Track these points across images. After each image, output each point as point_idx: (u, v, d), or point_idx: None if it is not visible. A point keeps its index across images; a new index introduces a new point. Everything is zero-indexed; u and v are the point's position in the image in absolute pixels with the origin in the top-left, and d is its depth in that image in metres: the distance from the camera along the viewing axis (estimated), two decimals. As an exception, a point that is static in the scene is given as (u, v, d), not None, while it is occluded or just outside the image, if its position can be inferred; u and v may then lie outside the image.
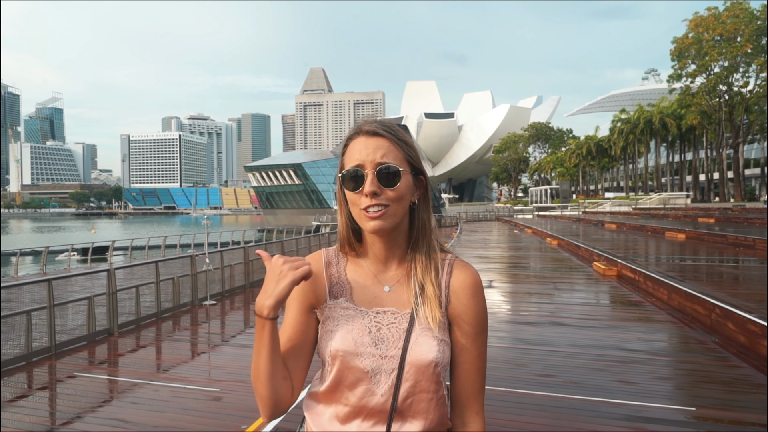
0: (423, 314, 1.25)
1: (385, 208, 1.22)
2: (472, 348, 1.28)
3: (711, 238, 20.02)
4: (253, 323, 6.75)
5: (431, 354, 1.22)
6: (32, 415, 5.56)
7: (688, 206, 47.26)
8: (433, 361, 1.22)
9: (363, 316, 1.28)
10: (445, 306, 1.27)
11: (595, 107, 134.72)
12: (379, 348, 1.24)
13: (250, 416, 5.26)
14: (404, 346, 1.23)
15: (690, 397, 5.68)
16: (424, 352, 1.22)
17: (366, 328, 1.27)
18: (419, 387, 1.22)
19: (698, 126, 54.26)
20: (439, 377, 1.24)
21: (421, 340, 1.23)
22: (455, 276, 1.30)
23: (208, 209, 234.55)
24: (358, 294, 1.32)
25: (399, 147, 1.27)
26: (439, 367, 1.23)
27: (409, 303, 1.28)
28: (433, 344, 1.23)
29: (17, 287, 11.56)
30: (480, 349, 1.29)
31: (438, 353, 1.22)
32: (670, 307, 9.75)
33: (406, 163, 1.27)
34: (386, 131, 1.27)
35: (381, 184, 1.22)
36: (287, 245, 16.74)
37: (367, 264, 1.34)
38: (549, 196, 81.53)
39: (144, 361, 7.88)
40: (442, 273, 1.30)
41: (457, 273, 1.30)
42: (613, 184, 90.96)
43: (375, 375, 1.23)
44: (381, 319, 1.27)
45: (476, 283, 1.30)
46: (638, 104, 67.55)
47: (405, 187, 1.25)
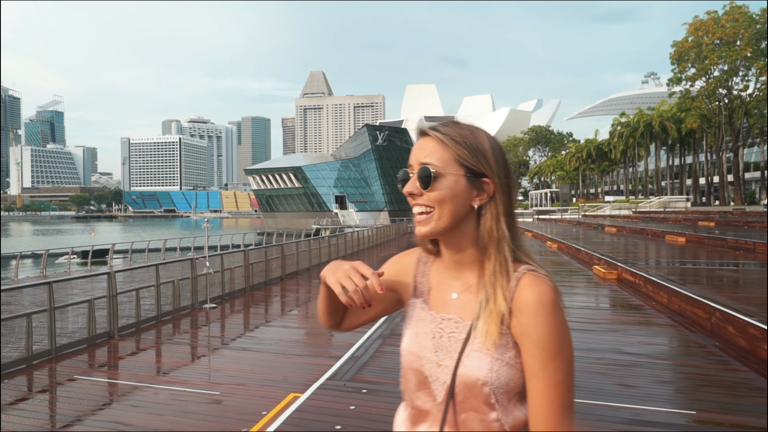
0: (480, 329, 1.17)
1: (430, 212, 1.19)
2: (541, 375, 1.11)
3: (711, 241, 20.01)
4: (253, 327, 6.78)
5: (479, 372, 1.14)
6: (32, 418, 5.56)
7: (689, 210, 47.28)
8: (481, 380, 1.13)
9: (431, 320, 1.26)
10: (507, 323, 1.16)
11: (595, 111, 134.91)
12: (438, 355, 1.21)
13: (250, 419, 5.26)
14: (458, 359, 1.17)
15: (690, 401, 5.68)
16: (472, 369, 1.15)
17: (431, 333, 1.25)
18: (469, 404, 1.16)
19: (698, 129, 54.34)
20: (489, 399, 1.14)
21: (473, 356, 1.16)
22: (520, 290, 1.15)
23: (208, 212, 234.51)
24: (433, 297, 1.30)
25: (447, 147, 1.19)
26: (488, 388, 1.13)
27: (473, 313, 1.21)
28: (484, 361, 1.14)
29: (17, 290, 11.56)
30: (553, 379, 1.10)
31: (488, 372, 1.13)
32: (670, 311, 9.75)
33: (455, 164, 1.19)
34: (435, 130, 1.21)
35: (421, 186, 1.19)
36: (287, 248, 16.74)
37: (443, 268, 1.31)
38: (549, 199, 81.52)
39: (144, 364, 7.88)
40: (509, 286, 1.17)
41: (522, 287, 1.15)
42: (613, 188, 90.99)
43: (434, 382, 1.21)
44: (444, 326, 1.24)
45: (541, 300, 1.13)
46: (638, 108, 67.66)
47: (448, 189, 1.18)
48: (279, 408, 5.53)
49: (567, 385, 1.11)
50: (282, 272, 15.95)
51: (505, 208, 1.21)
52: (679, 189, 66.42)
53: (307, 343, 9.36)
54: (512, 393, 1.15)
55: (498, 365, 1.14)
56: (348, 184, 75.96)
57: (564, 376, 1.11)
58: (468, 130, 1.22)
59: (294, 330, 10.30)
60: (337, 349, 8.09)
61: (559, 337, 1.11)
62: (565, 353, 1.12)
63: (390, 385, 6.19)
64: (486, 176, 1.20)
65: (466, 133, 1.21)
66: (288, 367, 7.34)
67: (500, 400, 1.14)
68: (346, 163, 79.60)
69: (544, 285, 1.15)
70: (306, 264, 18.15)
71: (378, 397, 5.80)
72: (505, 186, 1.21)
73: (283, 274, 16.00)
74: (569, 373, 1.12)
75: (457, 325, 1.22)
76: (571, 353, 1.13)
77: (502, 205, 1.21)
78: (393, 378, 6.48)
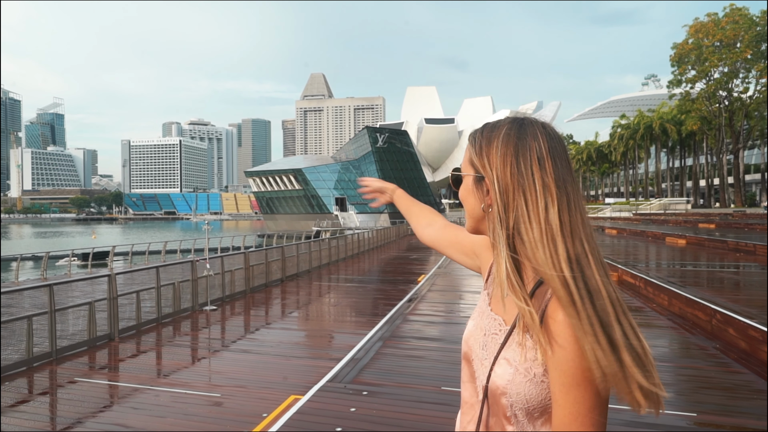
0: (514, 337, 1.11)
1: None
2: (562, 402, 1.00)
3: (711, 243, 20.01)
4: (254, 329, 6.80)
5: (501, 381, 1.09)
6: (33, 420, 5.56)
7: (689, 212, 47.29)
8: (500, 388, 1.09)
9: (487, 316, 1.23)
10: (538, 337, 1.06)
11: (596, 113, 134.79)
12: (484, 353, 1.19)
13: (250, 421, 5.26)
14: (493, 362, 1.13)
15: (691, 403, 5.68)
16: (497, 377, 1.10)
17: (483, 329, 1.22)
18: (495, 410, 1.13)
19: (698, 131, 54.40)
20: (506, 411, 1.09)
21: (502, 363, 1.10)
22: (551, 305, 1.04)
23: (209, 214, 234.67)
24: (496, 292, 1.24)
25: (474, 152, 1.17)
26: (505, 399, 1.08)
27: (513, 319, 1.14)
28: (507, 371, 1.08)
29: (18, 292, 11.56)
30: (573, 408, 0.99)
31: (508, 384, 1.07)
32: (670, 313, 9.75)
33: (468, 165, 1.18)
34: (473, 136, 1.21)
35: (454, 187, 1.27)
36: (287, 250, 16.74)
37: None
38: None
39: (144, 367, 7.88)
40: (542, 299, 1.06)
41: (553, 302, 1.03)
42: (614, 190, 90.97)
43: (478, 378, 1.19)
44: (492, 325, 1.20)
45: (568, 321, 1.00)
46: (638, 110, 67.69)
47: (465, 192, 1.21)
48: (279, 410, 5.53)
49: (591, 418, 0.99)
50: (282, 274, 15.95)
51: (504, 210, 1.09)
52: (680, 191, 66.43)
53: (308, 345, 9.36)
54: (534, 411, 1.07)
55: (520, 379, 1.07)
56: (348, 186, 75.92)
57: (587, 408, 0.98)
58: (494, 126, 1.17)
59: (294, 332, 10.29)
60: (337, 351, 8.10)
61: (585, 365, 0.98)
62: (591, 383, 0.98)
63: (391, 387, 6.19)
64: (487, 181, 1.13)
65: (487, 131, 1.17)
66: (288, 369, 7.34)
67: (517, 414, 1.09)
68: (347, 165, 79.59)
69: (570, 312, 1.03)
70: (306, 266, 18.14)
71: (379, 399, 5.80)
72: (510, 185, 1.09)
73: (284, 276, 16.00)
74: (595, 406, 0.99)
75: (501, 327, 1.17)
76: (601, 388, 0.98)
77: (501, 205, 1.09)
78: (394, 380, 6.48)
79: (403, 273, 18.91)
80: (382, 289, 15.34)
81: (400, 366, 7.08)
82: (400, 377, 6.58)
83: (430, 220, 1.70)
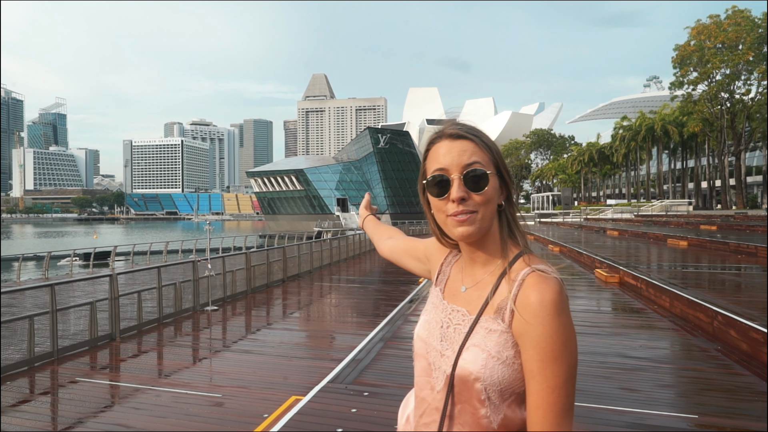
0: (482, 324, 1.18)
1: (473, 213, 1.19)
2: (539, 377, 1.08)
3: (713, 245, 19.98)
4: (255, 329, 6.83)
5: (473, 367, 1.14)
6: (34, 420, 5.56)
7: (690, 213, 47.20)
8: (473, 374, 1.14)
9: (443, 310, 1.30)
10: (509, 322, 1.15)
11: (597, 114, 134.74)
12: (443, 345, 1.24)
13: (251, 422, 5.26)
14: (458, 351, 1.18)
15: (693, 405, 5.67)
16: (468, 363, 1.15)
17: (440, 322, 1.28)
18: (463, 397, 1.17)
19: (700, 133, 54.31)
20: (480, 395, 1.14)
21: (471, 350, 1.16)
22: (523, 289, 1.13)
23: (210, 215, 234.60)
24: (449, 286, 1.35)
25: (484, 149, 1.22)
26: (480, 384, 1.14)
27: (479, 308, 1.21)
28: (479, 357, 1.14)
29: (20, 292, 11.58)
30: (550, 382, 1.07)
31: (482, 369, 1.13)
32: (672, 315, 9.73)
33: (493, 166, 1.22)
34: (470, 133, 1.23)
35: (468, 189, 1.18)
36: (289, 251, 16.74)
37: (462, 261, 1.34)
38: (551, 202, 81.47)
39: (146, 367, 7.88)
40: (515, 284, 1.16)
41: (526, 286, 1.13)
42: (615, 191, 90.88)
43: (435, 370, 1.24)
44: (453, 317, 1.25)
45: (542, 300, 1.10)
46: (640, 111, 67.58)
47: (492, 191, 1.20)
48: (280, 411, 5.53)
49: (566, 389, 1.08)
50: (284, 275, 15.96)
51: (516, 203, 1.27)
52: (681, 193, 66.35)
53: (309, 345, 9.36)
54: (507, 392, 1.14)
55: (493, 363, 1.13)
56: (350, 186, 75.97)
57: (563, 380, 1.07)
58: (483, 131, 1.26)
59: (296, 333, 10.29)
60: (338, 351, 8.10)
61: (560, 340, 1.08)
62: (566, 356, 1.08)
63: (392, 388, 6.19)
64: (509, 177, 1.25)
65: (486, 135, 1.25)
66: (290, 369, 7.34)
67: (492, 397, 1.14)
68: (348, 165, 79.63)
69: (548, 284, 1.12)
70: (308, 267, 18.15)
71: (380, 400, 5.80)
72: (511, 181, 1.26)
73: (285, 277, 16.00)
74: (569, 377, 1.08)
75: (464, 317, 1.23)
76: (573, 357, 1.09)
77: (515, 204, 1.27)
78: (395, 381, 6.48)
79: (404, 274, 18.89)
80: (384, 290, 15.35)
81: (402, 367, 7.08)
82: (402, 378, 6.57)
83: (392, 234, 1.83)
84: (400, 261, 1.68)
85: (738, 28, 45.05)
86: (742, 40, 45.26)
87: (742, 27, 44.98)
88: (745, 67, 46.27)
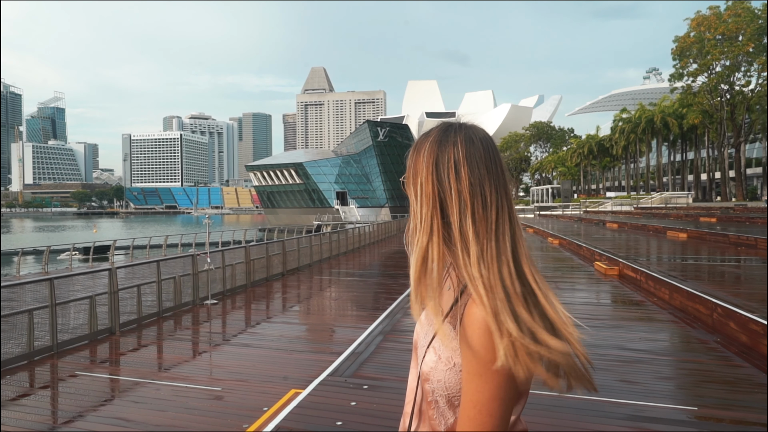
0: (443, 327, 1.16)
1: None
2: (466, 389, 1.09)
3: (713, 237, 19.99)
4: (255, 323, 6.80)
5: (426, 368, 1.19)
6: (34, 414, 5.57)
7: (690, 206, 47.22)
8: (425, 375, 1.19)
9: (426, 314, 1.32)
10: (458, 330, 1.14)
11: (597, 106, 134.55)
12: (424, 340, 1.26)
13: (251, 415, 5.27)
14: (425, 350, 1.22)
15: (692, 397, 5.68)
16: (425, 363, 1.20)
17: (427, 318, 1.29)
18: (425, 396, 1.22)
19: (700, 125, 54.20)
20: (428, 396, 1.19)
21: (430, 350, 1.20)
22: (470, 304, 1.12)
23: (210, 209, 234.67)
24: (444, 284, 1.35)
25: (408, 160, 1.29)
26: (428, 385, 1.17)
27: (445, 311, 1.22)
28: (432, 359, 1.18)
29: (19, 286, 11.58)
30: (473, 396, 1.07)
31: (431, 371, 1.17)
32: (671, 307, 9.74)
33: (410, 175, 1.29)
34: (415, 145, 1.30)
35: None
36: (288, 245, 16.74)
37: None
38: (550, 195, 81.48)
39: (145, 360, 7.89)
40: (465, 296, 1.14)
41: (472, 300, 1.11)
42: (615, 184, 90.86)
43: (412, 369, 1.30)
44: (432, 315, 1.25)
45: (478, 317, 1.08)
46: (640, 103, 67.48)
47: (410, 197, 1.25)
48: (280, 404, 5.54)
49: (489, 408, 1.06)
50: (283, 268, 15.96)
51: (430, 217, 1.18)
52: (681, 185, 66.29)
53: (309, 339, 9.36)
54: (454, 399, 1.14)
55: (441, 366, 1.15)
56: (349, 180, 75.91)
57: (487, 398, 1.05)
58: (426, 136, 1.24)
59: (295, 326, 10.30)
60: (338, 345, 8.10)
61: (487, 357, 1.05)
62: (491, 376, 1.05)
63: (391, 381, 6.19)
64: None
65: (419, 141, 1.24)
66: (289, 363, 7.35)
67: (438, 401, 1.17)
68: (347, 159, 79.53)
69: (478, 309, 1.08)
70: (307, 260, 18.15)
71: (379, 393, 5.80)
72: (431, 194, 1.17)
73: (285, 271, 16.01)
74: (495, 397, 1.05)
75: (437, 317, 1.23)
76: (500, 381, 1.05)
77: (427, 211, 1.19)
78: (394, 374, 6.49)
79: (403, 267, 18.90)
80: (383, 283, 15.35)
81: (401, 360, 7.08)
82: (401, 371, 6.58)
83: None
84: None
85: (738, 19, 44.88)
86: (742, 32, 45.08)
87: (742, 18, 44.80)
88: (745, 59, 46.11)
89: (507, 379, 1.06)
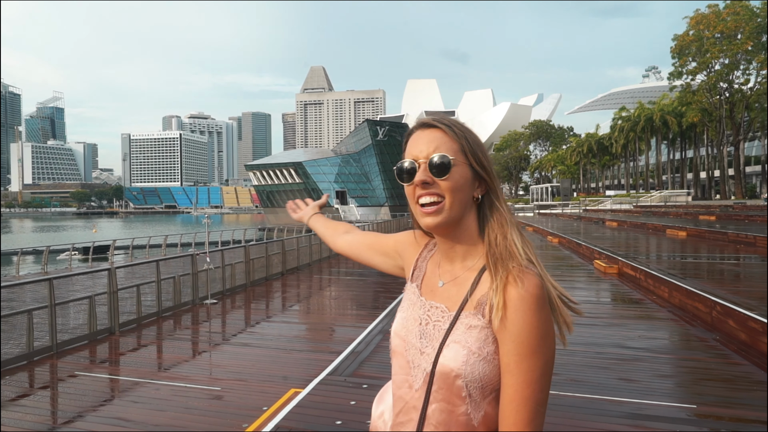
0: (462, 320, 1.18)
1: (439, 203, 1.19)
2: (516, 371, 1.10)
3: (712, 235, 19.99)
4: (254, 323, 6.80)
5: (454, 363, 1.14)
6: (33, 414, 5.57)
7: (689, 204, 47.25)
8: (454, 371, 1.14)
9: (421, 306, 1.29)
10: (489, 318, 1.14)
11: (596, 105, 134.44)
12: (422, 342, 1.23)
13: (251, 415, 5.27)
14: (439, 348, 1.18)
15: (691, 395, 5.68)
16: (449, 360, 1.15)
17: (419, 319, 1.26)
18: (441, 395, 1.17)
19: (699, 123, 54.21)
20: (461, 392, 1.14)
21: (452, 346, 1.16)
22: (507, 286, 1.13)
23: (209, 208, 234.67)
24: (426, 282, 1.33)
25: (454, 138, 1.22)
26: (461, 380, 1.14)
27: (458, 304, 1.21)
28: (460, 354, 1.14)
29: (18, 286, 11.57)
30: (526, 376, 1.09)
31: (463, 365, 1.13)
32: (671, 305, 9.75)
33: (462, 155, 1.22)
34: (441, 123, 1.24)
35: (432, 174, 1.19)
36: (288, 244, 16.73)
37: (438, 257, 1.33)
38: (550, 194, 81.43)
39: (145, 360, 7.89)
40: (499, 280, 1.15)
41: (509, 282, 1.13)
42: (614, 182, 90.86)
43: (414, 368, 1.23)
44: (431, 313, 1.25)
45: (521, 295, 1.10)
46: (639, 102, 67.45)
47: (459, 178, 1.20)
48: (280, 403, 5.54)
49: (541, 384, 1.10)
50: (283, 268, 15.96)
51: (499, 199, 1.25)
52: (680, 183, 66.32)
53: (308, 338, 9.37)
54: (488, 389, 1.15)
55: (474, 359, 1.13)
56: (349, 179, 75.87)
57: (539, 375, 1.09)
58: (463, 124, 1.27)
59: (295, 325, 10.31)
60: (337, 344, 8.10)
61: (538, 334, 1.09)
62: (543, 351, 1.10)
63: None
64: (485, 170, 1.24)
65: (466, 128, 1.26)
66: (289, 362, 7.35)
67: (473, 394, 1.15)
68: (347, 158, 79.48)
69: (528, 280, 1.12)
70: (307, 259, 18.15)
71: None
72: (497, 182, 1.27)
73: (284, 270, 16.01)
74: (545, 372, 1.10)
75: (443, 314, 1.23)
76: (550, 353, 1.11)
77: (497, 196, 1.26)
78: (394, 373, 6.47)
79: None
80: (383, 282, 15.34)
81: (401, 359, 7.06)
82: (401, 370, 6.57)
83: (348, 229, 1.75)
84: (362, 257, 1.62)
85: (737, 17, 44.89)
86: (741, 30, 45.10)
87: (740, 16, 44.81)
88: (744, 57, 46.14)
89: (554, 352, 1.13)
